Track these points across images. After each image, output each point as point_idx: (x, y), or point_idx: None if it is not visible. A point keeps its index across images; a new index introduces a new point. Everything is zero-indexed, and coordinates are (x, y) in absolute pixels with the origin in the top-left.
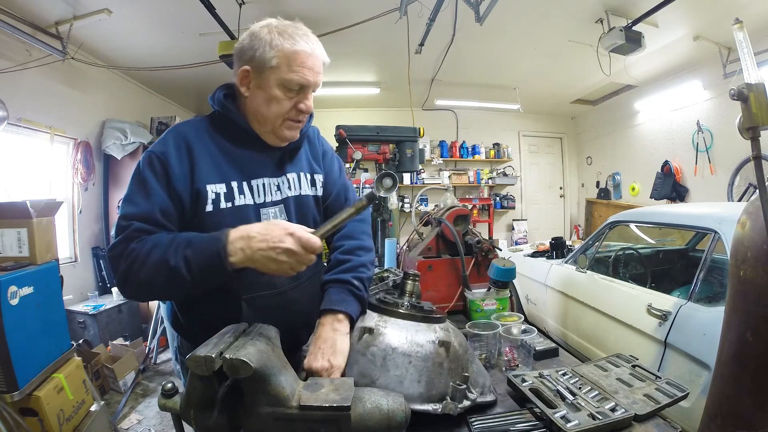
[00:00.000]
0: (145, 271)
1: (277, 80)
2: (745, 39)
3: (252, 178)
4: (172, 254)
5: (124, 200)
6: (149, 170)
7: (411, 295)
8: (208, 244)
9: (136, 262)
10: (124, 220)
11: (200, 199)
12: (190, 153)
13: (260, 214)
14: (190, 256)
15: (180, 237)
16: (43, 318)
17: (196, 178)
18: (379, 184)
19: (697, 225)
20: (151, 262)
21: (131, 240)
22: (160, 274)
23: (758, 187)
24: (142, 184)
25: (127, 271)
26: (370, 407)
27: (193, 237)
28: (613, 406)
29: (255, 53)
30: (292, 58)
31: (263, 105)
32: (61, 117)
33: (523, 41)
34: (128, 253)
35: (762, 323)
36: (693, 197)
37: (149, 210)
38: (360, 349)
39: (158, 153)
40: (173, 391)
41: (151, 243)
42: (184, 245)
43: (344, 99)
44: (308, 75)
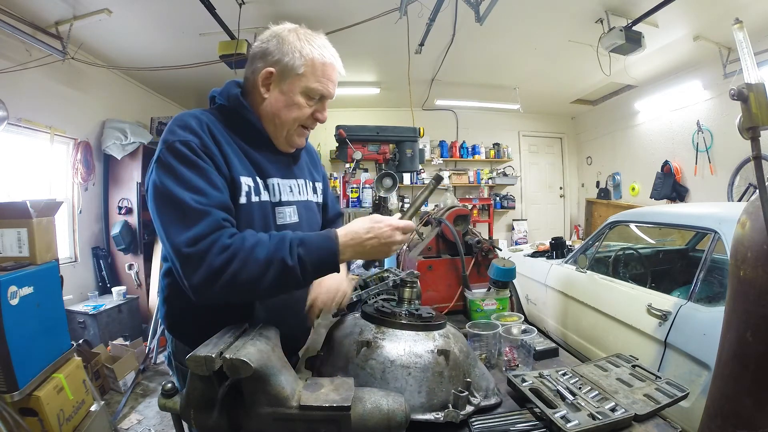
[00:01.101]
0: (251, 269)
1: (301, 87)
2: (745, 39)
3: (267, 177)
4: (287, 253)
5: (183, 187)
6: (196, 157)
7: (410, 301)
8: (321, 243)
9: (236, 258)
10: (198, 204)
11: (235, 189)
12: (217, 143)
13: (276, 213)
14: (304, 255)
15: (287, 235)
16: (43, 318)
17: (231, 168)
18: (379, 184)
19: (697, 225)
20: (260, 260)
21: (221, 231)
22: (268, 274)
23: (758, 187)
24: (198, 170)
25: (223, 268)
26: (370, 407)
27: (304, 236)
28: (613, 406)
29: (284, 57)
30: (320, 69)
31: (283, 109)
32: (61, 117)
33: (523, 41)
34: (223, 247)
35: (762, 323)
36: (693, 197)
37: (224, 199)
38: (359, 363)
39: (197, 143)
40: (173, 391)
41: (252, 239)
42: (297, 243)
43: (344, 99)
44: (331, 87)
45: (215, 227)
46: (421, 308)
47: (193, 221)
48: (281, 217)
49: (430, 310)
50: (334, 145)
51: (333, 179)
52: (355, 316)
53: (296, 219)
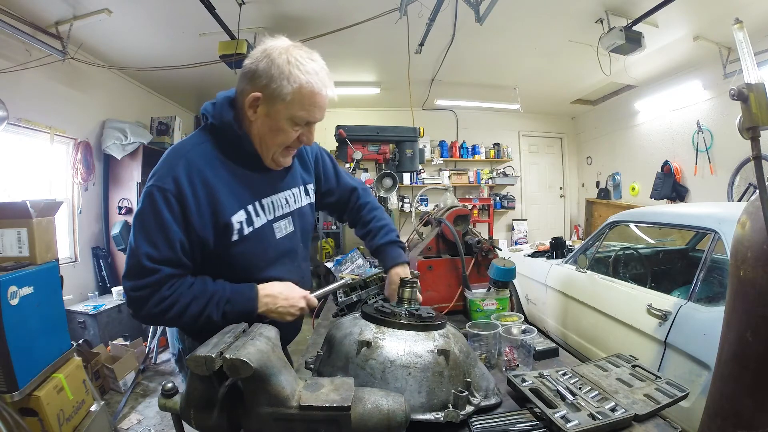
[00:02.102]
0: (183, 320)
1: (287, 114)
2: (745, 39)
3: (262, 197)
4: (213, 310)
5: (142, 237)
6: (167, 209)
7: (410, 302)
8: (244, 301)
9: (171, 310)
10: (148, 261)
11: (228, 232)
12: (207, 188)
13: (273, 229)
14: (228, 311)
15: (217, 292)
16: (43, 318)
17: (221, 214)
18: (379, 184)
19: (697, 225)
20: (192, 314)
21: (162, 285)
22: (196, 324)
23: (758, 187)
24: (160, 224)
25: (159, 315)
26: (370, 407)
27: (230, 294)
28: (613, 406)
29: (271, 83)
30: (308, 98)
31: (268, 133)
32: (61, 117)
33: (523, 41)
34: (160, 299)
35: (762, 323)
36: (693, 197)
37: (174, 256)
38: (359, 363)
39: (173, 191)
40: (173, 391)
41: (188, 295)
42: (224, 302)
43: (344, 99)
44: (317, 114)
45: (157, 283)
46: (421, 308)
47: (141, 273)
48: (278, 231)
49: (430, 310)
50: (334, 145)
51: None
52: (355, 316)
53: (291, 228)
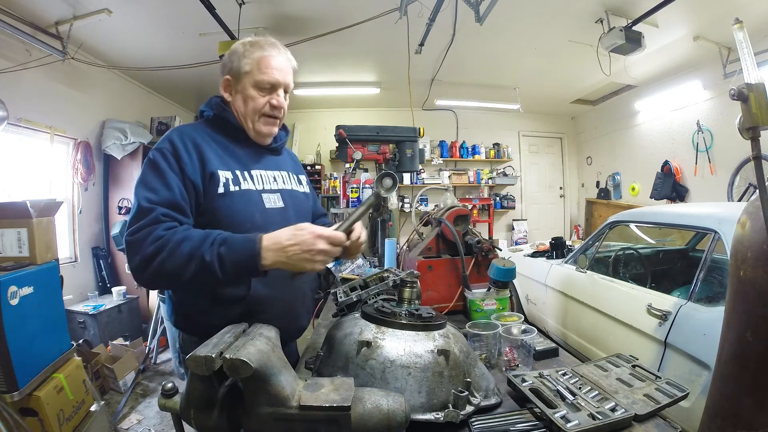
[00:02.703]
0: (176, 260)
1: (251, 82)
2: (745, 39)
3: (251, 168)
4: (207, 249)
5: (141, 186)
6: (163, 162)
7: (410, 301)
8: (243, 244)
9: (165, 249)
10: (146, 202)
11: (213, 181)
12: (197, 147)
13: (263, 199)
14: (224, 254)
15: (213, 233)
16: (43, 318)
17: (207, 165)
18: (379, 184)
19: (697, 225)
20: (184, 253)
21: (158, 224)
22: (190, 266)
23: (758, 187)
24: (159, 173)
25: (153, 257)
26: (370, 407)
27: (228, 236)
28: (613, 406)
29: (232, 64)
30: (261, 62)
31: (242, 105)
32: (61, 117)
33: (523, 41)
34: (155, 238)
35: (762, 323)
36: (693, 197)
37: (171, 197)
38: (359, 363)
39: (168, 149)
40: (173, 391)
41: (182, 234)
42: (219, 242)
43: (344, 99)
44: (276, 74)
45: (153, 221)
46: (421, 308)
47: (139, 216)
48: (268, 202)
49: (430, 310)
50: (334, 145)
51: (333, 179)
52: (355, 316)
53: (281, 204)
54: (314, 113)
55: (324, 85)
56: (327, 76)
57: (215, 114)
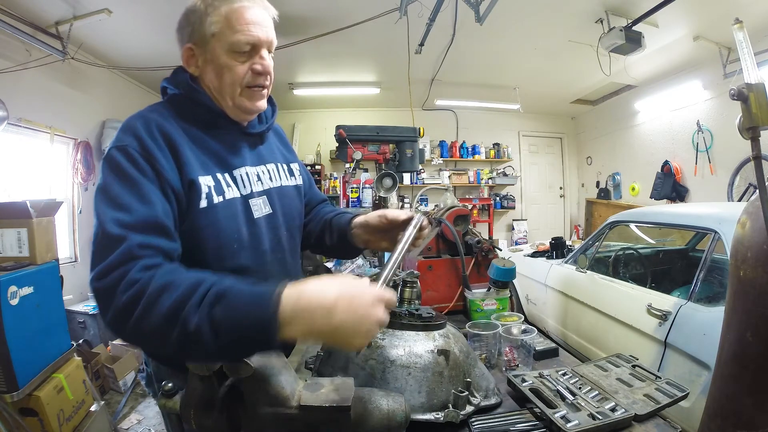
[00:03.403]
0: (153, 321)
1: (223, 47)
2: (745, 39)
3: (233, 168)
4: (193, 309)
5: (104, 202)
6: (131, 166)
7: (410, 301)
8: (250, 304)
9: (140, 303)
10: (116, 227)
11: (193, 193)
12: (170, 142)
13: (250, 206)
14: (220, 318)
15: (207, 280)
16: (43, 318)
17: (186, 170)
18: (379, 184)
19: (697, 225)
20: (162, 311)
21: (133, 262)
22: (171, 332)
23: (758, 187)
24: (128, 181)
25: (127, 311)
26: (370, 407)
27: (228, 288)
28: (613, 406)
29: (193, 27)
30: (232, 18)
31: (215, 79)
32: (61, 117)
33: (523, 41)
34: (128, 284)
35: (762, 323)
36: (693, 197)
37: (150, 215)
38: (359, 363)
39: (135, 146)
40: (173, 391)
41: (162, 279)
42: (213, 299)
43: (344, 99)
44: (255, 30)
45: (126, 257)
46: (421, 308)
47: (105, 248)
48: (257, 210)
49: (430, 310)
50: (334, 145)
51: (333, 179)
52: None
53: (269, 210)
54: (314, 113)
55: (324, 85)
56: (327, 76)
57: (182, 94)
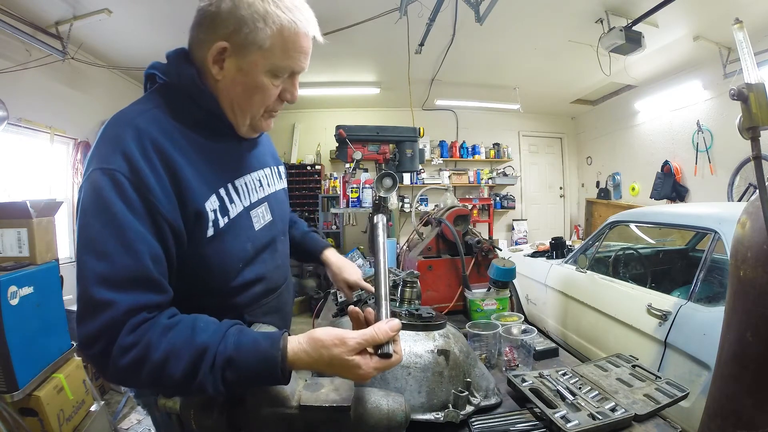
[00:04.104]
0: (163, 382)
1: (267, 66)
2: (745, 39)
3: (235, 178)
4: (206, 377)
5: (87, 251)
6: (119, 199)
7: (410, 301)
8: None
9: (144, 367)
10: (100, 287)
11: (200, 224)
12: (168, 164)
13: (251, 218)
14: (233, 379)
15: (211, 347)
16: (43, 318)
17: (190, 199)
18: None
19: (697, 225)
20: (175, 377)
21: (117, 328)
22: (185, 390)
23: (758, 187)
24: (115, 224)
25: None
26: (370, 407)
27: (233, 350)
28: (613, 406)
29: (241, 27)
30: (289, 40)
31: (243, 93)
32: (61, 117)
33: (523, 41)
34: (123, 349)
35: (762, 323)
36: (693, 197)
37: (136, 268)
38: None
39: (125, 171)
40: None
41: (163, 346)
42: (223, 365)
43: (344, 99)
44: (304, 62)
45: (110, 326)
46: (421, 308)
47: (88, 312)
48: (257, 220)
49: (430, 310)
50: (334, 145)
51: (333, 179)
52: None
53: (270, 218)
54: (314, 113)
55: (324, 85)
56: (327, 76)
57: (174, 85)
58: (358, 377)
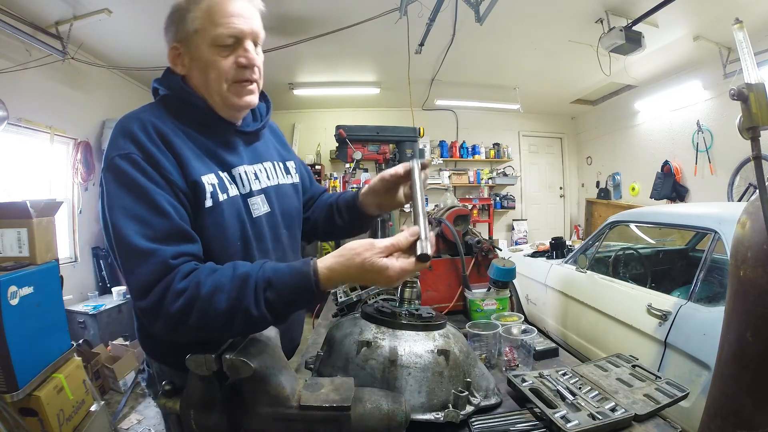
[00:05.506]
0: (211, 320)
1: (206, 42)
2: (745, 39)
3: (231, 167)
4: (251, 301)
5: (122, 215)
6: (140, 174)
7: (410, 301)
8: (295, 281)
9: (194, 309)
10: (144, 241)
11: (198, 193)
12: (168, 143)
13: (249, 205)
14: (274, 300)
15: (251, 273)
16: (43, 318)
17: (188, 171)
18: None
19: (697, 225)
20: (221, 310)
21: (172, 274)
22: (233, 324)
23: (758, 187)
24: (140, 192)
25: (181, 319)
26: (370, 407)
27: (272, 275)
28: (613, 406)
29: (176, 26)
30: (213, 11)
31: (201, 76)
32: (61, 117)
33: (523, 41)
34: (176, 294)
35: (762, 323)
36: (693, 197)
37: (171, 226)
38: (359, 363)
39: (134, 152)
40: (173, 391)
41: (210, 282)
42: (263, 287)
43: (344, 99)
44: (237, 22)
45: (163, 271)
46: (421, 308)
47: (138, 264)
48: (255, 209)
49: (430, 310)
50: (334, 145)
51: (333, 179)
52: (355, 316)
53: (267, 209)
54: (314, 113)
55: (324, 85)
56: (327, 76)
57: (173, 95)
58: (388, 279)
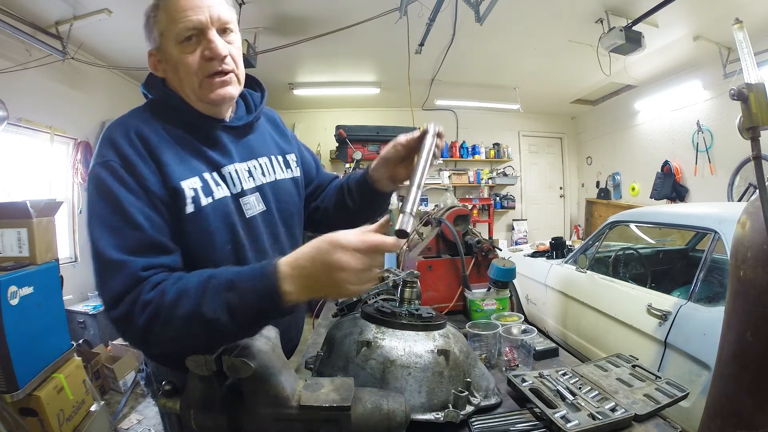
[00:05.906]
0: (175, 329)
1: (171, 42)
2: (745, 39)
3: (221, 167)
4: (208, 303)
5: (98, 225)
6: (116, 183)
7: (410, 301)
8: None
9: (158, 319)
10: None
11: (178, 200)
12: (148, 148)
13: (241, 205)
14: (234, 302)
15: (216, 276)
16: (43, 318)
17: (168, 177)
18: None
19: (697, 225)
20: (181, 315)
21: (140, 284)
22: (194, 331)
23: (758, 187)
24: (114, 202)
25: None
26: (370, 407)
27: (234, 275)
28: (613, 406)
29: (149, 33)
30: (170, 9)
31: (175, 77)
32: (61, 117)
33: (523, 41)
34: (143, 305)
35: (762, 323)
36: (693, 197)
37: (143, 237)
38: (359, 363)
39: (116, 160)
40: (173, 391)
41: (175, 289)
42: (225, 288)
43: (344, 99)
44: (193, 14)
45: (132, 284)
46: (421, 308)
47: (110, 275)
48: (249, 208)
49: (430, 310)
50: (334, 145)
51: None
52: (355, 316)
53: (262, 207)
54: (314, 113)
55: (324, 85)
56: (327, 76)
57: (158, 99)
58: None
